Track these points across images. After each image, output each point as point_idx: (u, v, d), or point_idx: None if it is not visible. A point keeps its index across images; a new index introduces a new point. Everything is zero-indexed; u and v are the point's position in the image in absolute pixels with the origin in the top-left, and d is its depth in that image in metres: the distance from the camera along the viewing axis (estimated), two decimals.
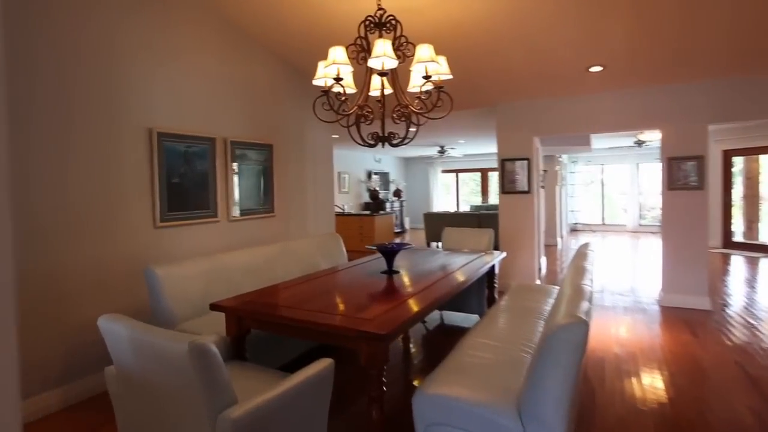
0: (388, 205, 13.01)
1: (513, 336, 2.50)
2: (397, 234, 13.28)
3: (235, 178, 4.23)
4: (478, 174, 14.72)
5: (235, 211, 4.23)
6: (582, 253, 2.93)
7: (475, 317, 4.49)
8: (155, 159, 3.45)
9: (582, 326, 1.51)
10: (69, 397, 2.94)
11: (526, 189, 5.72)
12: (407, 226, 14.65)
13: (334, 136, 6.91)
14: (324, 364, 1.87)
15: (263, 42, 4.46)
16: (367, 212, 10.63)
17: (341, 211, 10.37)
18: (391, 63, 2.69)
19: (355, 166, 12.76)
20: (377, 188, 13.10)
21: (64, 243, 2.95)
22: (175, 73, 3.66)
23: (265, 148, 4.56)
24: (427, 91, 2.93)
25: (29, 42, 2.78)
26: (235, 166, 4.24)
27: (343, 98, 2.86)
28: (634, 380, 3.17)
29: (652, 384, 3.11)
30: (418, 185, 15.33)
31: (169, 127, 3.59)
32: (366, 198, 13.02)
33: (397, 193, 13.81)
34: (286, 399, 1.67)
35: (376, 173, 13.61)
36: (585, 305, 1.71)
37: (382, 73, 2.76)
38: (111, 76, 3.22)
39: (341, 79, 2.76)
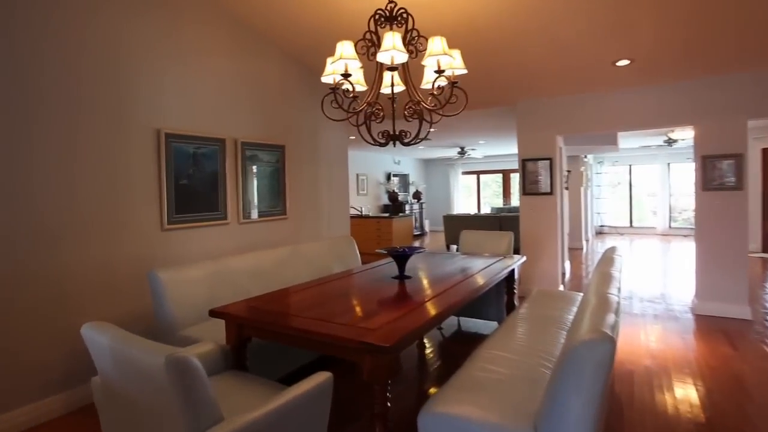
0: (407, 207, 12.84)
1: (531, 348, 2.31)
2: (417, 237, 13.09)
3: (249, 180, 4.15)
4: (500, 175, 14.43)
5: (254, 214, 4.17)
6: (608, 258, 2.72)
7: (493, 324, 4.29)
8: (163, 160, 3.37)
9: (607, 344, 1.33)
10: (71, 402, 2.88)
11: (548, 190, 5.49)
12: (427, 228, 14.45)
13: (351, 137, 6.79)
14: (322, 377, 1.72)
15: (275, 40, 4.37)
16: (386, 215, 10.49)
17: (359, 213, 10.25)
18: (401, 57, 2.54)
19: (374, 168, 12.64)
20: (396, 190, 12.95)
21: (69, 244, 2.89)
22: (184, 73, 3.59)
23: (277, 148, 4.46)
24: (440, 87, 2.77)
25: (35, 42, 2.73)
26: (255, 168, 4.18)
27: (351, 95, 2.72)
28: (666, 396, 2.93)
29: (687, 401, 2.86)
30: (439, 187, 15.11)
31: (178, 128, 3.52)
32: (385, 200, 12.88)
33: (417, 195, 13.62)
34: (278, 416, 1.53)
35: (395, 175, 13.46)
36: (611, 318, 1.52)
37: (391, 68, 2.61)
38: (118, 76, 3.16)
39: (349, 75, 2.62)
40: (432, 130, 2.99)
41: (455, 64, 2.70)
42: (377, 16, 2.75)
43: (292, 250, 3.90)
